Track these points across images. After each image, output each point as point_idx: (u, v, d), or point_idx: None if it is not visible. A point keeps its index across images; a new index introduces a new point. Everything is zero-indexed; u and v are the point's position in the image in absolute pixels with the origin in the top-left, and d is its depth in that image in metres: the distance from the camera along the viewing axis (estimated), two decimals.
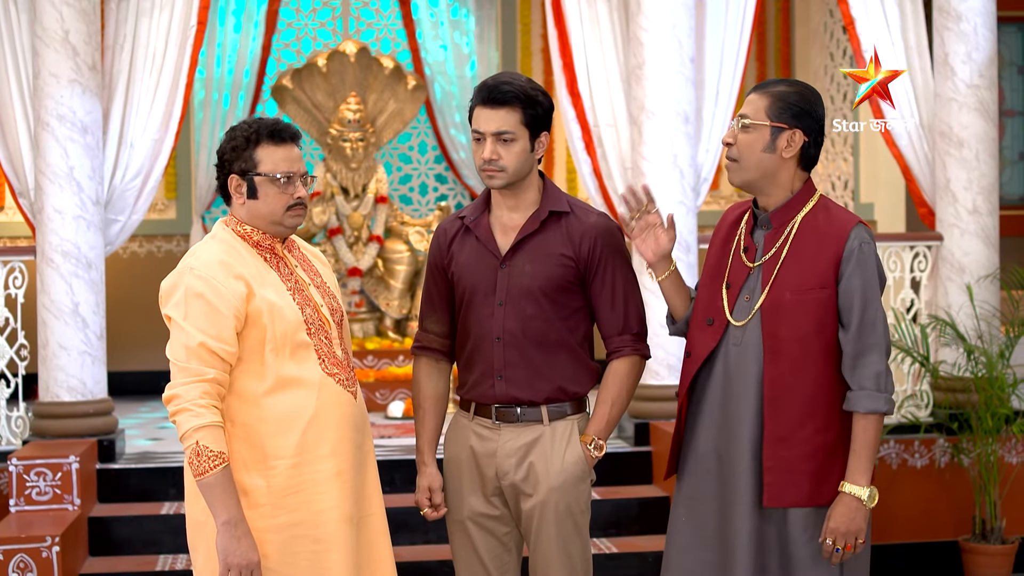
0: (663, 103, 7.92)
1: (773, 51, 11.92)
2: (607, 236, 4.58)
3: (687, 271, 7.93)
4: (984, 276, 8.07)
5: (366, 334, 10.64)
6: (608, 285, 4.56)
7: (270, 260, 4.30)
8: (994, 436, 7.59)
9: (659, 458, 7.78)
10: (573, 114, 8.45)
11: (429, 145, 11.97)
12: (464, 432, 4.61)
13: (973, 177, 8.13)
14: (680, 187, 7.93)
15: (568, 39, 8.43)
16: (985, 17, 8.17)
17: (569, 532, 4.53)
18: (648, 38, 7.95)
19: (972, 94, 8.11)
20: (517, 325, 4.48)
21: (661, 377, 7.93)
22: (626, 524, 7.47)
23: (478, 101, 4.47)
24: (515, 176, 4.47)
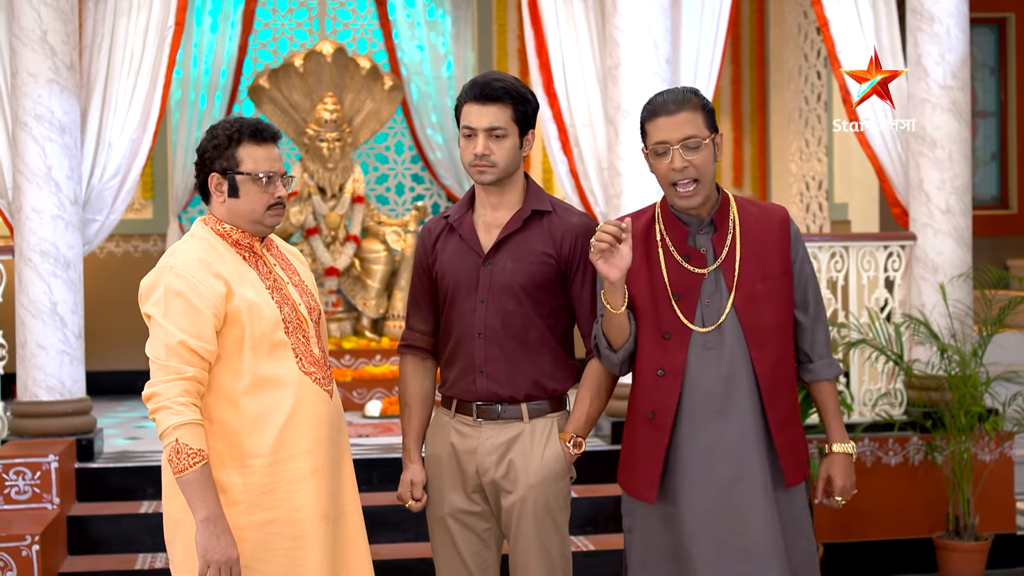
0: (639, 103, 7.88)
1: (748, 52, 11.98)
2: (588, 236, 4.62)
3: None
4: (957, 275, 8.13)
5: (343, 333, 10.65)
6: (588, 284, 4.61)
7: (249, 259, 4.32)
8: (967, 434, 7.65)
9: None
10: (550, 114, 8.48)
11: (406, 145, 11.98)
12: (445, 429, 4.65)
13: (946, 177, 8.18)
14: (656, 187, 7.94)
15: (544, 39, 8.47)
16: (958, 19, 8.22)
17: (548, 529, 4.58)
18: (624, 39, 7.98)
19: (945, 95, 8.16)
20: (498, 321, 4.53)
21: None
22: (603, 522, 7.50)
23: (470, 98, 4.52)
24: (505, 172, 4.53)
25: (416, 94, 11.75)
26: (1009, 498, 8.08)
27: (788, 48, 11.48)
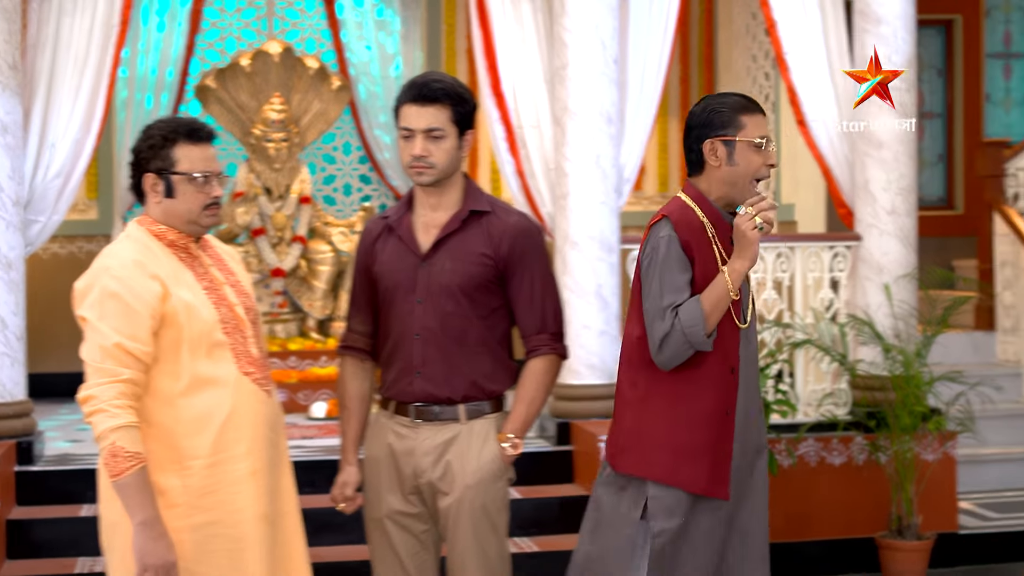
0: (586, 104, 7.96)
1: (696, 53, 12.00)
2: (527, 236, 4.61)
3: (609, 271, 7.98)
4: (902, 276, 8.15)
5: (289, 335, 10.61)
6: (527, 284, 4.60)
7: (185, 259, 4.29)
8: (911, 434, 7.67)
9: (580, 457, 7.80)
10: (497, 115, 8.48)
11: (353, 146, 11.95)
12: (383, 431, 4.64)
13: (892, 178, 8.21)
14: (603, 187, 7.97)
15: (492, 40, 8.46)
16: (905, 20, 8.25)
17: (485, 530, 4.56)
18: (572, 39, 7.98)
19: (893, 96, 8.16)
20: (436, 322, 4.52)
21: (583, 376, 7.96)
22: (547, 523, 7.49)
23: (408, 99, 4.51)
24: (443, 173, 4.52)
25: (364, 94, 11.71)
26: (951, 498, 8.11)
27: (737, 49, 11.51)
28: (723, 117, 4.33)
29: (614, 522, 4.43)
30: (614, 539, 4.43)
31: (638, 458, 4.39)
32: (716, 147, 4.35)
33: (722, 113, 4.34)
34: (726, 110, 4.35)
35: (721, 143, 4.34)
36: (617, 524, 4.42)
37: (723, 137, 4.34)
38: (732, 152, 4.33)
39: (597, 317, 7.95)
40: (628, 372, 4.48)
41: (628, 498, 4.41)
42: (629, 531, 4.39)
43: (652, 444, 4.36)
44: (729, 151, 4.34)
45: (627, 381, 4.48)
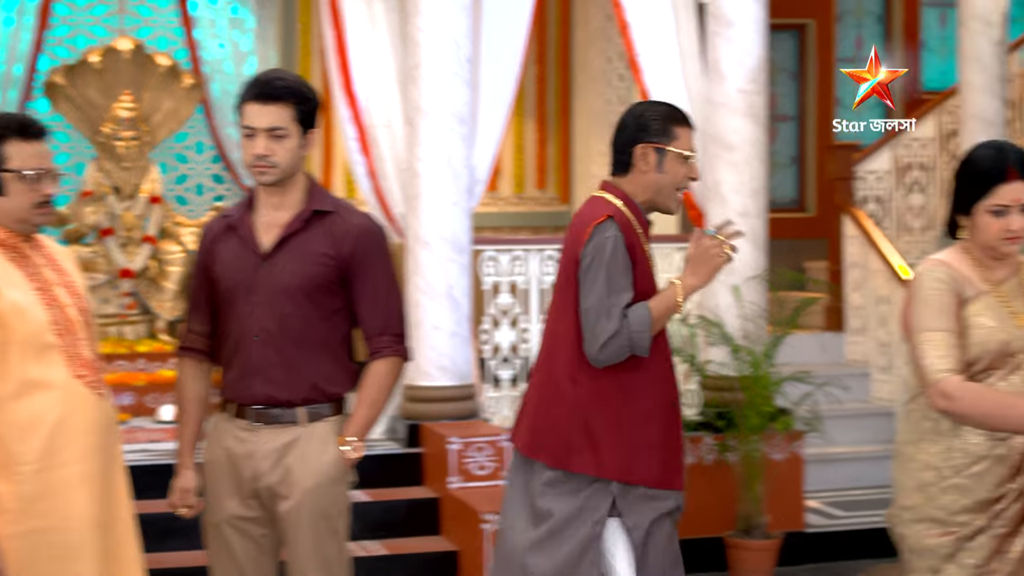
0: (439, 104, 7.92)
1: (553, 54, 12.02)
2: (369, 236, 4.57)
3: (461, 272, 7.95)
4: (752, 277, 8.22)
5: (138, 336, 10.43)
6: (369, 285, 4.55)
7: (15, 259, 4.19)
8: (759, 434, 7.74)
9: (430, 459, 7.76)
10: (349, 114, 8.42)
11: (206, 145, 11.77)
12: (223, 434, 4.56)
13: (743, 180, 8.27)
14: (455, 188, 7.94)
15: (344, 39, 8.41)
16: (757, 23, 8.31)
17: (325, 535, 4.51)
18: (425, 39, 7.94)
19: (743, 99, 8.24)
20: (275, 324, 4.45)
21: (434, 378, 7.92)
22: (396, 526, 7.45)
23: (250, 97, 4.44)
24: (286, 173, 4.46)
25: (218, 93, 11.54)
26: (799, 497, 8.20)
27: (592, 50, 11.54)
28: (658, 125, 4.44)
29: (573, 524, 4.46)
30: (576, 541, 4.45)
31: (592, 458, 4.43)
32: (648, 153, 4.47)
33: (658, 121, 4.45)
34: (661, 118, 4.46)
35: (653, 150, 4.47)
36: (577, 525, 4.45)
37: (656, 144, 4.46)
38: (662, 160, 4.47)
39: (448, 318, 7.91)
40: (568, 370, 4.48)
41: (587, 498, 4.44)
42: (595, 529, 4.44)
43: (607, 444, 4.42)
44: (660, 159, 4.47)
45: (567, 379, 4.48)
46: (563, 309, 4.51)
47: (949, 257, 4.11)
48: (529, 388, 4.70)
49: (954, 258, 4.10)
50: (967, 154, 4.11)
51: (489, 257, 8.42)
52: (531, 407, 4.63)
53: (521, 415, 4.68)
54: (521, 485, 4.63)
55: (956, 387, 3.88)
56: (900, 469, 4.14)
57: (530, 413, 4.62)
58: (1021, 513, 3.94)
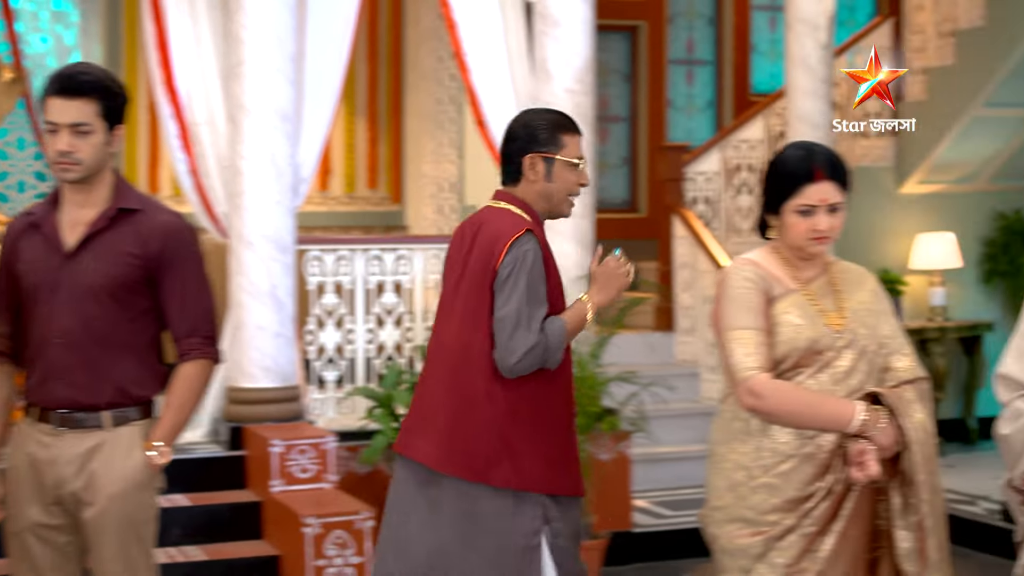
0: (262, 101, 7.80)
1: (385, 53, 11.94)
2: (178, 236, 4.45)
3: (284, 271, 7.84)
4: (579, 277, 8.20)
5: None
6: (177, 286, 4.43)
7: None
8: (585, 434, 7.73)
9: (253, 462, 7.63)
10: (170, 111, 8.28)
11: (28, 141, 11.50)
12: (26, 439, 4.42)
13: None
14: (278, 187, 7.83)
15: (166, 34, 8.26)
16: (584, 24, 8.32)
17: (131, 542, 4.38)
18: (248, 36, 7.81)
19: (570, 99, 8.23)
20: (78, 325, 4.32)
21: (257, 380, 7.79)
22: (217, 531, 7.30)
23: (53, 91, 4.33)
24: (90, 170, 4.33)
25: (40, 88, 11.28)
26: (626, 496, 8.22)
27: (424, 49, 11.49)
28: (546, 134, 4.46)
29: (498, 529, 4.43)
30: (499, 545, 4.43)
31: (514, 470, 4.41)
32: (536, 163, 4.48)
33: (545, 131, 4.47)
34: (549, 128, 4.48)
35: (542, 159, 4.49)
36: (503, 531, 4.42)
37: (544, 154, 4.47)
38: (551, 169, 4.49)
39: (272, 319, 7.79)
40: (485, 384, 4.43)
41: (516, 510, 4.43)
42: (532, 540, 4.43)
43: (527, 455, 4.41)
44: (548, 168, 4.49)
45: (483, 393, 4.43)
46: (475, 321, 4.45)
47: (757, 256, 4.13)
48: (430, 401, 4.59)
49: (762, 257, 4.11)
50: (775, 155, 4.13)
51: (314, 257, 8.31)
52: (441, 421, 4.51)
53: (424, 429, 4.57)
54: (426, 501, 4.54)
55: (764, 385, 3.89)
56: (712, 470, 4.14)
57: (440, 427, 4.51)
58: (830, 512, 3.95)
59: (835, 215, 4.03)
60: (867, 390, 3.97)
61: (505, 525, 4.43)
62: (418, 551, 4.53)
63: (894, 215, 11.34)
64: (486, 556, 4.44)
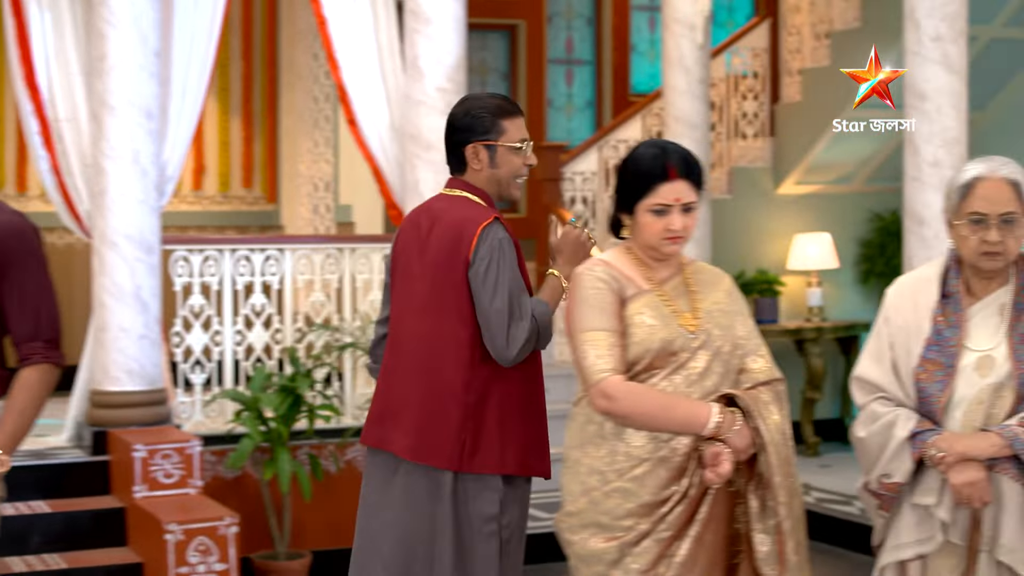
0: (126, 98, 7.64)
1: (259, 50, 11.77)
2: (19, 236, 4.28)
3: (149, 272, 7.67)
4: None
5: None
6: (17, 288, 4.26)
7: None
8: None
9: (117, 467, 7.46)
10: (31, 108, 8.09)
11: None
12: None
13: (441, 180, 7.84)
14: (142, 185, 7.67)
15: (26, 28, 8.06)
16: (455, 22, 8.22)
17: None
18: (111, 31, 7.65)
19: (440, 97, 8.14)
20: None
21: (121, 383, 7.63)
22: (79, 538, 7.14)
23: None
24: None
25: None
26: None
27: (299, 47, 11.34)
28: (486, 122, 4.47)
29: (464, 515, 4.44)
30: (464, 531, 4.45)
31: (494, 457, 4.44)
32: (479, 151, 4.50)
33: (484, 118, 4.47)
34: (488, 115, 4.48)
35: (483, 147, 4.52)
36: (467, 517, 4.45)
37: (485, 142, 4.49)
38: (494, 156, 4.50)
39: (136, 321, 7.63)
40: (461, 372, 4.42)
41: (483, 500, 4.45)
42: (488, 529, 4.44)
43: (512, 441, 4.45)
44: (491, 155, 4.53)
45: (461, 382, 4.42)
46: (446, 311, 4.45)
47: (610, 257, 4.05)
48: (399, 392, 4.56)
49: (615, 258, 4.04)
50: (629, 153, 4.05)
51: (180, 257, 8.13)
52: (414, 412, 4.49)
53: (395, 421, 4.54)
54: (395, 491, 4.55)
55: (617, 387, 3.81)
56: (566, 474, 4.06)
57: (413, 418, 4.49)
58: (686, 516, 3.87)
59: (689, 215, 3.96)
60: (722, 392, 3.91)
61: (469, 511, 4.45)
62: (390, 541, 4.56)
63: (771, 216, 11.37)
64: (453, 543, 4.44)
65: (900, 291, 4.20)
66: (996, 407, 3.94)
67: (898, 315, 4.14)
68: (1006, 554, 3.91)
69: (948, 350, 3.99)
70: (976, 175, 3.98)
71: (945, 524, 3.96)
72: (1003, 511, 3.91)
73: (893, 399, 4.06)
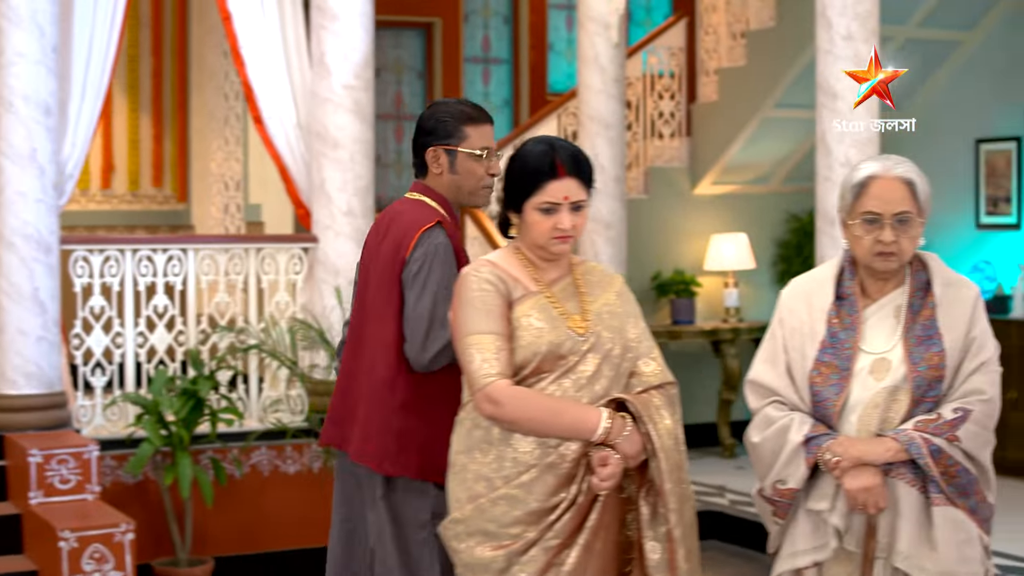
0: (22, 94, 7.44)
1: (170, 47, 11.59)
2: None
3: (47, 273, 7.49)
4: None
5: None
6: None
7: None
8: None
9: (13, 472, 7.27)
10: None
11: None
12: None
13: (348, 179, 8.06)
14: (40, 184, 7.49)
15: None
16: (362, 18, 8.12)
17: None
18: (8, 25, 7.46)
19: (348, 95, 8.04)
20: None
21: (19, 386, 7.44)
22: None
23: None
24: None
25: None
26: None
27: (209, 44, 11.18)
28: (448, 127, 4.41)
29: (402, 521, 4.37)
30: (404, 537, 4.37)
31: (416, 463, 4.34)
32: (439, 155, 4.43)
33: (447, 123, 4.41)
34: (451, 120, 4.42)
35: (444, 152, 4.44)
36: (405, 522, 4.37)
37: (446, 146, 4.41)
38: (454, 161, 4.42)
39: (34, 322, 7.45)
40: (390, 376, 4.34)
41: (414, 506, 4.37)
42: (421, 536, 4.34)
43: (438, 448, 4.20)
44: (451, 160, 4.43)
45: (388, 386, 4.33)
46: (383, 313, 4.39)
47: (497, 257, 3.93)
48: (353, 393, 4.49)
49: (502, 258, 3.92)
50: (517, 150, 3.95)
51: (80, 257, 7.94)
52: (361, 413, 4.43)
53: (350, 421, 4.48)
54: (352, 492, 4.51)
55: (503, 392, 3.70)
56: (453, 480, 3.94)
57: (360, 419, 4.43)
58: (575, 524, 3.76)
59: (579, 213, 3.85)
60: (612, 396, 3.81)
61: (406, 516, 4.37)
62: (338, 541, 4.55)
63: (688, 216, 11.32)
64: (395, 546, 4.37)
65: (794, 292, 4.11)
66: (892, 411, 3.86)
67: (792, 317, 4.05)
68: (902, 561, 3.83)
69: (843, 353, 3.91)
70: (870, 174, 3.90)
71: (839, 531, 3.88)
72: (899, 517, 3.84)
73: (788, 403, 3.97)
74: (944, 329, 3.89)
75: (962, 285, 3.98)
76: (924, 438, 3.78)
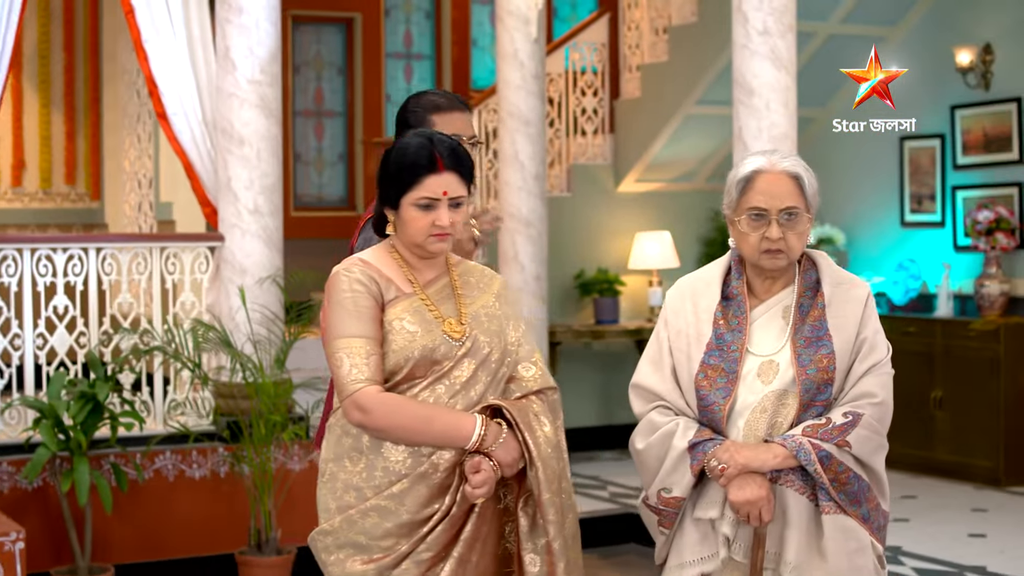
0: None
1: (82, 42, 11.35)
2: None
3: None
4: (264, 278, 7.81)
5: None
6: None
7: None
8: (268, 443, 7.34)
9: None
10: None
11: None
12: None
13: (255, 176, 7.87)
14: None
15: None
16: (268, 11, 7.94)
17: None
18: None
19: (254, 90, 7.86)
20: None
21: None
22: None
23: None
24: None
25: None
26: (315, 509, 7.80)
27: (121, 39, 10.93)
28: (417, 117, 4.36)
29: None
30: None
31: None
32: None
33: (416, 113, 4.38)
34: (420, 110, 4.38)
35: None
36: None
37: None
38: None
39: None
40: None
41: None
42: None
43: None
44: None
45: None
46: None
47: (370, 256, 3.73)
48: None
49: (375, 257, 3.72)
50: (393, 144, 3.76)
51: None
52: None
53: None
54: None
55: (372, 398, 3.53)
56: (323, 489, 3.79)
57: None
58: (449, 536, 3.60)
59: (458, 211, 3.67)
60: (489, 402, 3.64)
61: None
62: None
63: (612, 214, 11.19)
64: None
65: (680, 293, 3.94)
66: (780, 415, 3.71)
67: (677, 318, 3.88)
68: (791, 571, 3.68)
69: (730, 355, 3.76)
70: (755, 168, 3.75)
71: (728, 539, 3.73)
72: (788, 526, 3.69)
73: (673, 408, 3.83)
74: (834, 330, 3.74)
75: (853, 284, 3.83)
76: (813, 443, 3.63)
